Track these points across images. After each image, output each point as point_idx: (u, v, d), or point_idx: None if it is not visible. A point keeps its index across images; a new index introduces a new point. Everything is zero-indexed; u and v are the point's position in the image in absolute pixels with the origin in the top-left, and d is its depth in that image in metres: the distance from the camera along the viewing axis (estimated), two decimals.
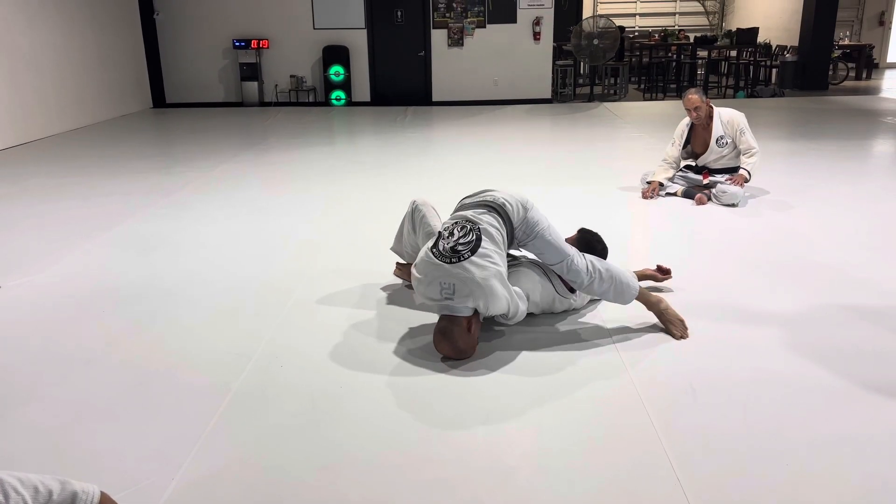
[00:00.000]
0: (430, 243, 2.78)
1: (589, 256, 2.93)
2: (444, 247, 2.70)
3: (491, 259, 2.69)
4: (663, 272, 3.47)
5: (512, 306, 2.78)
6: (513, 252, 3.11)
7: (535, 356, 2.79)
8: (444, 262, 2.66)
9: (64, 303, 3.40)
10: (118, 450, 2.22)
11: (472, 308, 2.70)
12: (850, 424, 2.29)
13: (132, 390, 2.57)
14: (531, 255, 3.06)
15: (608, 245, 3.36)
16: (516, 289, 2.83)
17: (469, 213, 2.84)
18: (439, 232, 2.82)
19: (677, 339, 2.91)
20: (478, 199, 2.93)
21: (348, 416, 2.39)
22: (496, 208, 2.85)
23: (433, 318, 3.13)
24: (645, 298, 3.00)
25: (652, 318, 3.06)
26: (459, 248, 2.68)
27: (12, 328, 3.13)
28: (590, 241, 3.24)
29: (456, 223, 2.80)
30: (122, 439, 2.27)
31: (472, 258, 2.66)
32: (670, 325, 2.96)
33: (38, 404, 2.49)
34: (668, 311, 2.99)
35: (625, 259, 3.77)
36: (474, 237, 2.71)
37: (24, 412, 2.44)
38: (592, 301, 3.27)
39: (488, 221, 2.79)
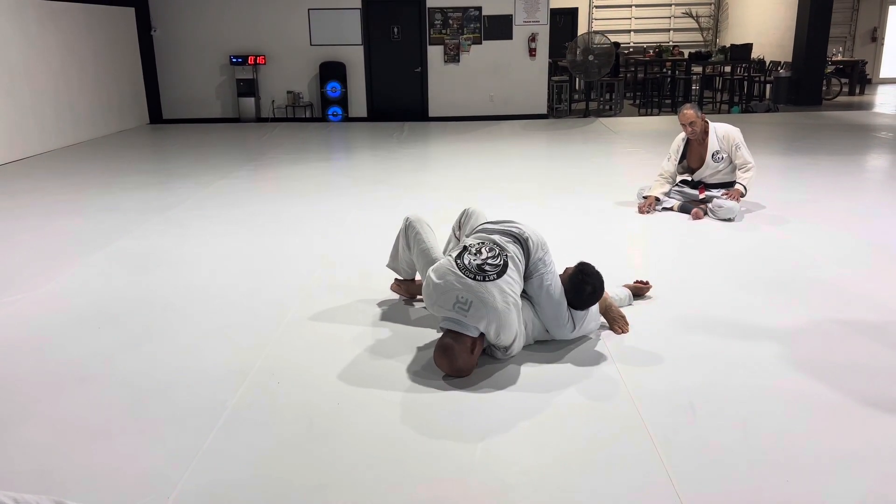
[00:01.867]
0: (455, 253, 2.77)
1: (575, 316, 2.94)
2: (470, 262, 2.69)
3: (513, 288, 2.69)
4: (643, 283, 3.53)
5: (517, 341, 2.78)
6: None
7: (533, 372, 2.78)
8: (469, 276, 2.64)
9: (60, 319, 3.38)
10: (114, 468, 2.20)
11: (480, 330, 2.68)
12: (848, 440, 2.28)
13: (128, 408, 2.56)
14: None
15: (604, 274, 3.05)
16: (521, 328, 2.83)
17: (497, 238, 2.83)
18: (465, 246, 2.81)
19: (618, 334, 3.08)
20: (503, 227, 2.92)
21: (345, 434, 2.37)
22: (521, 241, 2.85)
23: (431, 334, 3.12)
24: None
25: (649, 334, 3.05)
26: (487, 268, 2.67)
27: (7, 345, 3.11)
28: (578, 286, 2.93)
29: (483, 243, 2.78)
30: (118, 457, 2.25)
31: (498, 282, 2.64)
32: (613, 323, 3.13)
33: (34, 423, 2.47)
34: (610, 308, 3.12)
35: (622, 276, 3.77)
36: (502, 262, 2.70)
37: (19, 431, 2.42)
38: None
39: (514, 251, 2.79)
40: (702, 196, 5.15)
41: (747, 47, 12.70)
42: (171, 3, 11.05)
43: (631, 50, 16.85)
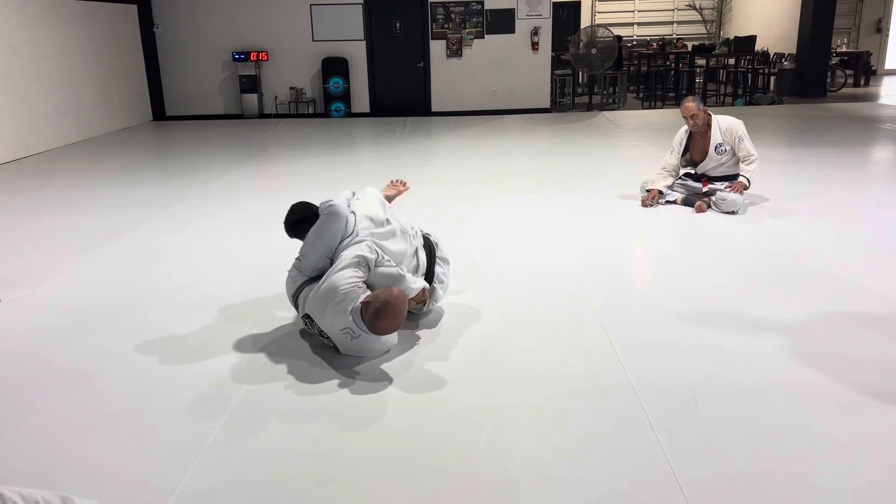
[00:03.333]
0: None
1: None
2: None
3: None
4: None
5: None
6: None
7: (536, 366, 2.78)
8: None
9: (63, 316, 3.40)
10: (118, 464, 2.21)
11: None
12: (851, 431, 2.28)
13: (131, 404, 2.57)
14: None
15: None
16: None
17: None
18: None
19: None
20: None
21: (349, 429, 2.38)
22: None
23: (434, 328, 3.13)
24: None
25: (652, 326, 3.05)
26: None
27: (11, 342, 3.12)
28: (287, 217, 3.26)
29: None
30: (121, 454, 2.26)
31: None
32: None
33: (38, 419, 2.48)
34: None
35: (624, 270, 3.76)
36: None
37: (22, 427, 2.43)
38: (580, 305, 3.27)
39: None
40: (705, 189, 5.14)
41: (751, 39, 12.65)
42: (174, 0, 11.06)
43: (634, 43, 16.80)
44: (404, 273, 2.97)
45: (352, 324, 2.74)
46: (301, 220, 3.17)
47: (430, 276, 3.20)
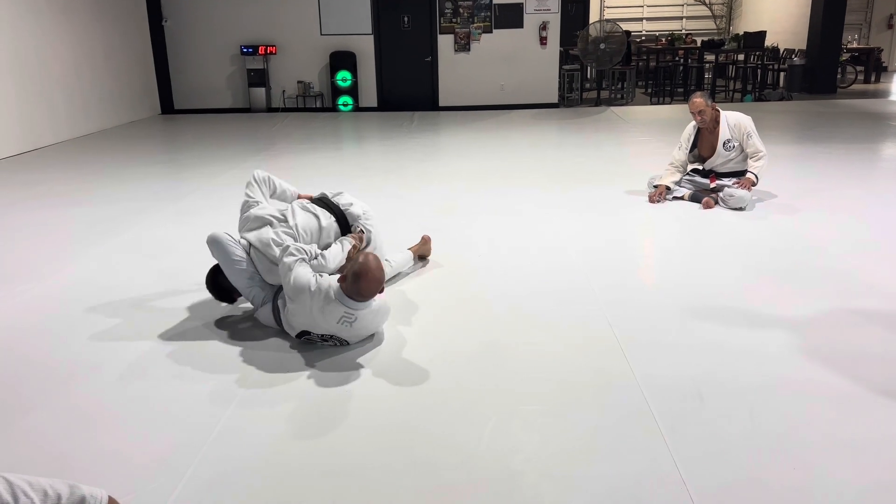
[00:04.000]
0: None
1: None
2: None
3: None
4: (426, 238, 3.97)
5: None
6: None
7: (540, 361, 2.78)
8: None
9: (71, 308, 3.42)
10: (124, 454, 2.22)
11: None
12: (857, 428, 2.27)
13: (139, 395, 2.58)
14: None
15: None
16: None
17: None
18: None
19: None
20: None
21: (353, 423, 2.39)
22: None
23: (439, 322, 3.14)
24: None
25: (657, 321, 3.05)
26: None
27: (20, 333, 3.14)
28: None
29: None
30: (129, 444, 2.28)
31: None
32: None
33: (46, 409, 2.50)
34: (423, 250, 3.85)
35: (631, 265, 3.75)
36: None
37: (31, 417, 2.45)
38: (586, 301, 3.28)
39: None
40: (713, 185, 5.12)
41: (761, 35, 12.57)
42: None
43: (643, 38, 16.72)
44: (337, 246, 3.11)
45: (343, 307, 2.75)
46: (217, 286, 3.25)
47: (345, 229, 3.34)
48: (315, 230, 3.23)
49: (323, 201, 3.41)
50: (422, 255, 3.95)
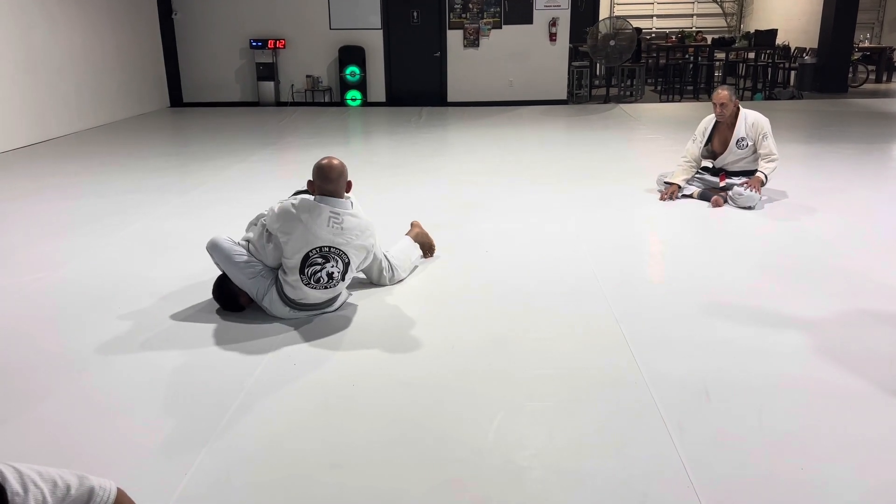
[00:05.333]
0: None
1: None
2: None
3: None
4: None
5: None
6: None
7: (548, 357, 2.78)
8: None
9: (80, 299, 3.43)
10: (132, 444, 2.23)
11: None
12: (866, 428, 2.26)
13: (147, 386, 2.59)
14: None
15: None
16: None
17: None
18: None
19: (426, 257, 3.86)
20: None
21: (360, 415, 2.39)
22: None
23: (446, 316, 3.14)
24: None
25: (666, 319, 3.04)
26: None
27: (28, 323, 3.16)
28: None
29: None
30: (136, 434, 2.29)
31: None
32: (424, 249, 3.87)
33: (55, 400, 2.52)
34: (419, 235, 3.86)
35: (639, 262, 3.74)
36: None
37: (41, 408, 2.47)
38: (593, 297, 3.27)
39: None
40: (722, 184, 5.10)
41: (772, 33, 12.50)
42: None
43: (653, 35, 16.65)
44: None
45: (327, 207, 3.00)
46: (224, 293, 3.27)
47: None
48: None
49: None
50: (423, 245, 3.90)
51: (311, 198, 3.09)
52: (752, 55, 12.79)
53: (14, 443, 2.26)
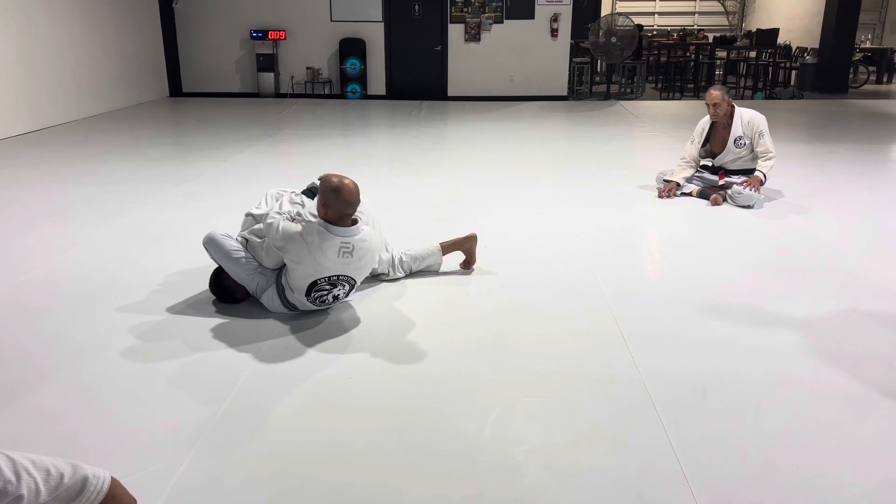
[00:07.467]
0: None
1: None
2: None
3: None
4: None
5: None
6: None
7: (545, 353, 2.78)
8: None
9: (76, 288, 3.42)
10: (128, 435, 2.23)
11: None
12: (861, 429, 2.26)
13: (143, 376, 2.59)
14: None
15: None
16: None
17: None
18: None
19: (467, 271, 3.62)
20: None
21: (356, 409, 2.39)
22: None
23: (446, 311, 3.13)
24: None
25: (663, 317, 3.04)
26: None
27: (24, 313, 3.15)
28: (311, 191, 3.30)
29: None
30: (132, 424, 2.28)
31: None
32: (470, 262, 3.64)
33: (50, 388, 2.51)
34: (470, 250, 3.63)
35: (638, 260, 3.73)
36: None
37: (36, 396, 2.46)
38: (592, 295, 3.27)
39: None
40: (721, 182, 5.10)
41: (773, 32, 12.49)
42: None
43: (654, 33, 16.64)
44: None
45: (337, 238, 2.81)
46: (221, 287, 3.24)
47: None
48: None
49: (311, 192, 3.37)
50: (465, 255, 3.66)
51: (315, 221, 2.86)
52: (753, 54, 12.78)
53: (8, 431, 2.25)
